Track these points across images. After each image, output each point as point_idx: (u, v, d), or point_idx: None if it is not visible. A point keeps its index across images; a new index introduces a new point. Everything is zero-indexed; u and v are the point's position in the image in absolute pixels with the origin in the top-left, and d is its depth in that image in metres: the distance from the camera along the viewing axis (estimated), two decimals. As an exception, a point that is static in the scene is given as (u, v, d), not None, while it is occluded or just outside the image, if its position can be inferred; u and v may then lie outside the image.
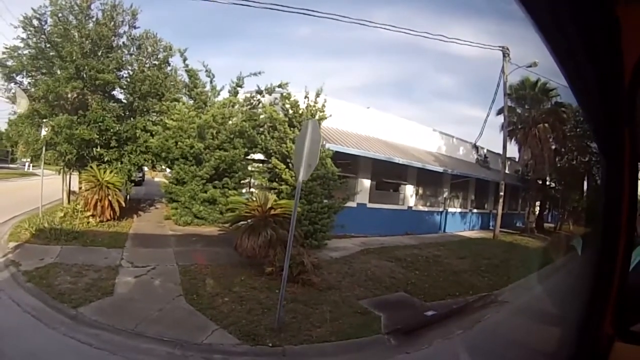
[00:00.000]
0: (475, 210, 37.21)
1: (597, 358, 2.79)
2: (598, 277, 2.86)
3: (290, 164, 18.12)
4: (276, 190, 18.29)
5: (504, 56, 30.28)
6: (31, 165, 58.62)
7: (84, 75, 20.65)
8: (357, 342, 9.28)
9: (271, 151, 19.56)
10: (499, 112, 35.10)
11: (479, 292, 13.91)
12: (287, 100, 19.86)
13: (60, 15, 20.59)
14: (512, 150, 38.22)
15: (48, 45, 20.84)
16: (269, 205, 14.61)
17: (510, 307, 12.96)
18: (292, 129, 18.96)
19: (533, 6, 1.96)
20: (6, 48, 20.70)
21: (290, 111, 19.57)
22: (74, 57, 19.92)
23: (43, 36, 20.71)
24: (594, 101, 2.63)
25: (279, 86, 21.52)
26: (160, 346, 8.31)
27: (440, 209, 32.53)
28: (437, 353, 9.14)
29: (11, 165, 64.97)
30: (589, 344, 2.86)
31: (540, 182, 38.64)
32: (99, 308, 9.78)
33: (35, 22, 20.39)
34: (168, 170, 25.81)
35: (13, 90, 22.02)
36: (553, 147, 36.85)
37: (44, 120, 19.81)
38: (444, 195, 32.94)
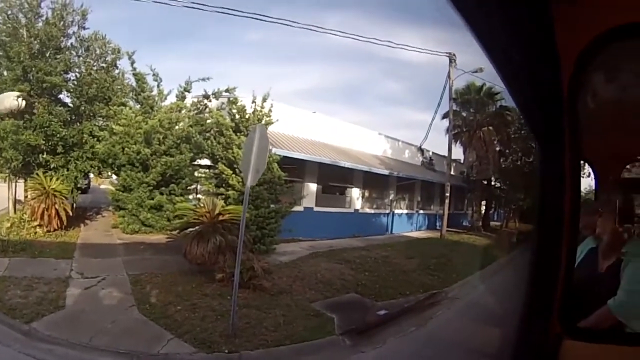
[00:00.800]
0: (421, 211, 37.72)
1: (547, 356, 2.88)
2: (543, 274, 2.92)
3: (237, 169, 18.22)
4: (223, 196, 18.30)
5: (450, 62, 30.92)
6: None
7: (31, 77, 20.18)
8: (312, 344, 9.42)
9: (218, 157, 19.61)
10: (445, 115, 35.94)
11: (429, 290, 14.20)
12: (233, 105, 19.97)
13: (9, 12, 20.18)
14: (458, 153, 39.07)
15: (-5, 46, 20.37)
16: (217, 211, 14.70)
17: (461, 303, 13.29)
18: (238, 134, 19.06)
19: (469, 12, 1.98)
20: None
21: (237, 116, 19.66)
22: (22, 58, 19.56)
23: (-10, 35, 20.22)
24: (532, 103, 2.73)
25: (227, 91, 21.47)
26: (116, 358, 8.30)
27: (387, 211, 32.90)
28: (391, 350, 9.32)
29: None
30: (537, 342, 2.92)
31: (485, 183, 39.34)
32: (52, 322, 9.67)
33: None
34: (114, 177, 25.55)
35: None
36: (497, 148, 37.86)
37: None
38: (390, 198, 33.30)
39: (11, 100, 18.66)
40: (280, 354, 8.88)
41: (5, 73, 20.40)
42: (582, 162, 3.11)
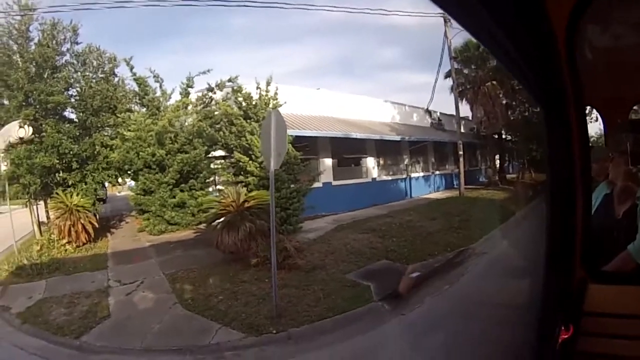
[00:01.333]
0: (437, 172, 37.62)
1: (574, 301, 2.97)
2: (561, 222, 2.99)
3: (252, 156, 18.46)
4: (243, 183, 18.36)
5: (445, 22, 30.70)
6: (-10, 204, 57.50)
7: (34, 101, 20.32)
8: (353, 313, 9.55)
9: (232, 146, 19.71)
10: (447, 75, 35.45)
11: (456, 249, 14.28)
12: (239, 94, 20.03)
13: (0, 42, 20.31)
14: (465, 110, 38.51)
15: (-8, 76, 20.39)
16: (242, 199, 14.78)
17: (488, 257, 13.23)
18: (248, 121, 19.11)
19: None
20: None
21: (244, 104, 19.70)
22: (21, 84, 19.59)
23: (-15, 67, 20.25)
24: (530, 53, 2.65)
25: (229, 81, 21.46)
26: (170, 356, 8.49)
27: (404, 176, 32.86)
28: (430, 310, 9.41)
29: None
30: (563, 287, 3.02)
31: (496, 137, 39.10)
32: (101, 333, 9.81)
33: None
34: (129, 182, 25.63)
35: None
36: (504, 102, 37.30)
37: (1, 155, 19.58)
38: (405, 162, 33.26)
39: (18, 128, 18.79)
40: (324, 327, 9.00)
41: (7, 102, 20.56)
42: (588, 108, 3.14)
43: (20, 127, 18.75)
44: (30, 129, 18.96)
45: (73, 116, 22.56)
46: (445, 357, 6.75)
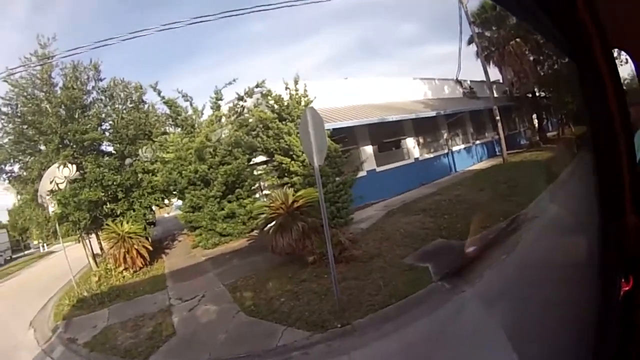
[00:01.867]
0: (477, 142, 37.03)
1: (631, 251, 2.89)
2: (609, 171, 2.83)
3: (293, 156, 18.48)
4: (289, 184, 18.37)
5: None
6: (45, 245, 58.77)
7: (69, 142, 20.80)
8: (415, 296, 9.52)
9: (272, 149, 19.70)
10: (470, 41, 34.94)
11: (508, 217, 14.01)
12: (269, 97, 20.03)
13: (26, 94, 20.65)
14: (494, 74, 37.94)
15: (26, 127, 20.92)
16: (290, 200, 14.81)
17: (541, 220, 13.00)
18: (283, 122, 19.12)
19: None
20: None
21: (276, 106, 19.67)
22: (55, 129, 20.07)
23: (18, 119, 20.86)
24: (546, 2, 2.62)
25: (257, 86, 21.52)
26: None
27: (445, 151, 32.51)
28: (490, 282, 9.35)
29: (27, 252, 65.10)
30: (619, 239, 2.87)
31: (530, 96, 38.14)
32: (169, 351, 10.01)
33: (5, 109, 20.63)
34: (175, 202, 25.93)
35: (6, 181, 22.42)
36: (531, 58, 36.50)
37: (48, 197, 19.86)
38: (445, 137, 32.86)
39: (62, 168, 19.25)
40: (388, 314, 8.98)
41: (44, 147, 20.98)
42: (616, 51, 3.03)
43: (64, 166, 19.11)
44: (74, 166, 19.45)
45: (110, 148, 23.01)
46: (512, 328, 6.71)
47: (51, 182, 19.28)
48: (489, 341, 6.54)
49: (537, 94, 38.62)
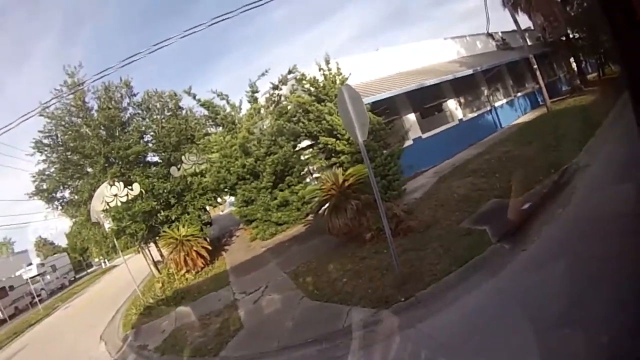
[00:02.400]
0: (519, 94, 36.43)
1: None
2: None
3: (337, 135, 18.48)
4: (337, 164, 18.41)
5: None
6: (106, 260, 59.98)
7: (114, 159, 21.35)
8: (476, 261, 9.42)
9: (315, 132, 19.77)
10: (493, -11, 34.58)
11: (559, 168, 13.73)
12: (303, 81, 20.01)
13: (63, 123, 21.30)
14: (525, 22, 37.40)
15: (69, 153, 21.48)
16: (341, 180, 14.87)
17: (594, 169, 12.67)
18: (322, 103, 19.12)
19: None
20: (33, 176, 21.81)
21: (312, 89, 19.64)
22: (98, 150, 20.65)
23: (60, 148, 21.45)
24: None
25: (289, 72, 21.63)
26: (309, 349, 8.59)
27: (488, 108, 32.11)
28: (550, 238, 9.17)
29: (89, 270, 66.50)
30: None
31: (564, 39, 37.37)
32: (238, 344, 10.17)
33: (46, 141, 21.20)
34: (228, 199, 26.26)
35: (60, 207, 23.06)
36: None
37: (102, 215, 20.22)
38: (485, 94, 32.45)
39: (110, 187, 19.81)
40: (451, 282, 8.93)
41: (90, 169, 21.60)
42: None
43: (111, 185, 19.57)
44: (121, 184, 19.97)
45: (155, 158, 23.85)
46: (575, 283, 6.63)
47: (102, 202, 19.71)
48: (554, 301, 6.46)
49: (571, 36, 37.80)
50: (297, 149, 22.48)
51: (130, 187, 20.41)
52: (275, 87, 22.56)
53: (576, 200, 10.77)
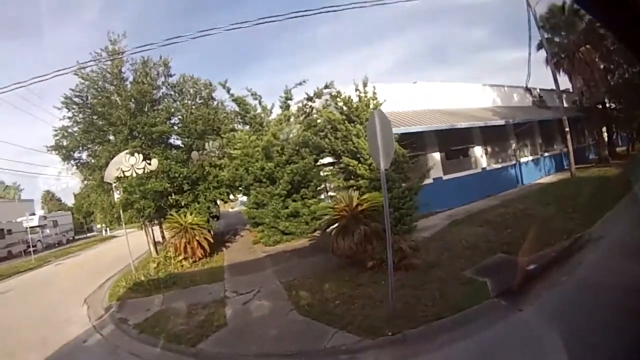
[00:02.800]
0: (546, 154, 36.47)
1: None
2: None
3: (361, 159, 18.39)
4: (355, 187, 18.08)
5: None
6: (108, 229, 60.18)
7: (137, 134, 21.49)
8: (470, 311, 9.36)
9: (339, 151, 19.65)
10: (539, 46, 34.49)
11: (572, 235, 13.75)
12: (338, 99, 19.96)
13: (96, 87, 21.46)
14: (564, 82, 37.38)
15: (95, 117, 21.68)
16: (355, 203, 14.83)
17: (606, 242, 12.57)
18: (352, 124, 19.01)
19: None
20: (56, 130, 21.90)
21: (345, 108, 19.61)
22: (124, 120, 20.79)
23: (88, 110, 21.63)
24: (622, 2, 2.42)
25: (326, 87, 21.70)
26: None
27: (513, 162, 32.15)
28: (548, 304, 9.12)
29: (89, 235, 66.71)
30: None
31: (600, 107, 37.36)
32: (218, 340, 10.16)
33: (76, 100, 21.38)
34: (240, 198, 26.30)
35: (74, 167, 23.22)
36: (602, 66, 35.90)
37: (115, 184, 20.52)
38: (513, 147, 32.49)
39: (128, 157, 19.84)
40: (442, 327, 8.87)
41: (112, 137, 21.79)
42: None
43: (131, 155, 19.72)
44: (140, 156, 19.98)
45: (178, 142, 23.87)
46: (568, 352, 6.62)
47: (118, 169, 19.79)
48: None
49: (608, 104, 38.02)
50: (318, 163, 22.53)
51: (148, 162, 20.45)
52: (309, 99, 22.68)
53: (582, 270, 10.74)
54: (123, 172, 19.88)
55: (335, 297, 11.69)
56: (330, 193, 23.39)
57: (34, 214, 52.07)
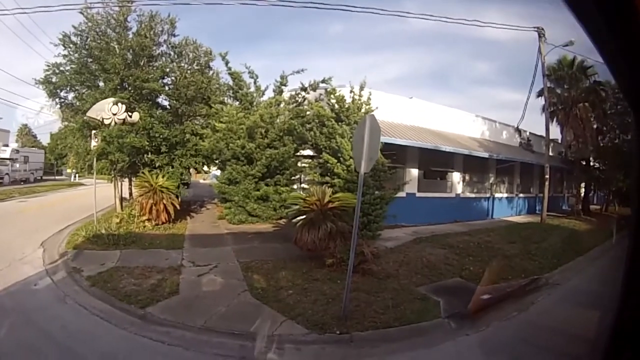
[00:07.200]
0: (521, 195, 37.12)
1: None
2: None
3: (341, 158, 18.58)
4: (329, 184, 18.30)
5: (539, 37, 29.80)
6: (77, 175, 59.54)
7: (128, 86, 21.30)
8: (419, 326, 9.47)
9: (321, 146, 19.86)
10: (539, 93, 34.81)
11: (530, 275, 14.04)
12: (332, 96, 20.11)
13: (98, 30, 21.23)
14: (555, 132, 37.92)
15: (90, 60, 21.45)
16: (326, 199, 14.82)
17: (562, 289, 13.11)
18: (339, 123, 19.20)
19: None
20: (48, 65, 21.49)
21: (337, 106, 19.78)
22: (118, 69, 20.58)
23: (85, 51, 21.37)
24: (629, 75, 2.44)
25: (323, 82, 21.67)
26: (231, 340, 8.52)
27: (487, 195, 32.61)
28: (494, 334, 9.27)
29: (57, 177, 65.95)
30: (637, 328, 2.74)
31: (584, 163, 38.07)
32: (167, 307, 10.09)
33: (75, 39, 21.11)
34: (213, 171, 26.20)
35: (58, 106, 22.78)
36: (594, 126, 36.76)
37: (94, 131, 20.24)
38: (490, 181, 32.93)
39: (111, 105, 19.50)
40: (389, 335, 8.95)
41: (101, 84, 21.56)
42: None
43: (114, 104, 19.38)
44: (123, 107, 19.63)
45: (165, 103, 23.74)
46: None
47: (98, 115, 19.57)
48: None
49: (592, 163, 38.55)
50: (297, 153, 22.62)
51: (130, 114, 20.24)
52: (304, 89, 22.68)
53: (534, 310, 11.04)
54: (102, 118, 19.64)
55: (290, 286, 11.75)
56: (303, 185, 23.45)
57: (7, 146, 51.53)
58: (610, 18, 2.15)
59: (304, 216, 15.01)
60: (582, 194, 40.64)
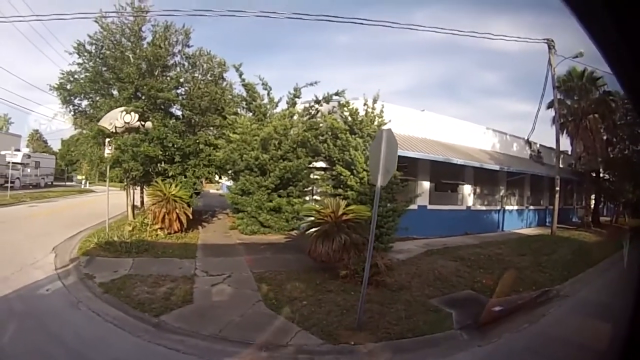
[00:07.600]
0: (531, 207, 36.99)
1: None
2: None
3: (354, 171, 18.67)
4: (342, 197, 18.29)
5: (549, 48, 29.85)
6: (87, 182, 59.76)
7: (142, 95, 21.42)
8: (432, 337, 9.54)
9: (334, 159, 19.98)
10: (549, 105, 35.12)
11: (541, 288, 14.06)
12: (345, 108, 20.30)
13: (113, 39, 21.36)
14: (565, 144, 37.75)
15: (105, 69, 21.55)
16: (340, 212, 14.86)
17: (572, 301, 13.14)
18: (353, 136, 19.28)
19: None
20: (62, 73, 21.59)
21: (350, 119, 19.95)
22: (132, 79, 20.73)
23: (99, 60, 21.48)
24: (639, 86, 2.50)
25: (336, 94, 21.76)
26: (246, 349, 8.56)
27: (498, 207, 32.52)
28: (506, 345, 9.34)
29: (68, 184, 66.08)
30: None
31: (594, 175, 38.03)
32: (181, 315, 10.12)
33: (89, 48, 21.20)
34: (224, 181, 26.28)
35: (72, 113, 22.93)
36: (604, 137, 36.60)
37: (108, 139, 20.33)
38: (501, 194, 32.88)
39: (124, 114, 19.74)
40: (402, 346, 9.02)
41: (115, 93, 21.70)
42: None
43: (127, 113, 19.63)
44: (136, 116, 19.86)
45: (179, 113, 23.68)
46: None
47: (110, 124, 19.78)
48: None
49: (602, 175, 38.63)
50: (310, 165, 22.64)
51: (143, 123, 20.57)
52: (317, 102, 22.72)
53: (545, 322, 11.10)
54: (115, 127, 19.83)
55: (304, 297, 11.78)
56: (315, 197, 23.45)
57: (18, 150, 51.14)
58: (619, 28, 2.21)
59: (318, 228, 15.07)
60: (592, 206, 40.29)
